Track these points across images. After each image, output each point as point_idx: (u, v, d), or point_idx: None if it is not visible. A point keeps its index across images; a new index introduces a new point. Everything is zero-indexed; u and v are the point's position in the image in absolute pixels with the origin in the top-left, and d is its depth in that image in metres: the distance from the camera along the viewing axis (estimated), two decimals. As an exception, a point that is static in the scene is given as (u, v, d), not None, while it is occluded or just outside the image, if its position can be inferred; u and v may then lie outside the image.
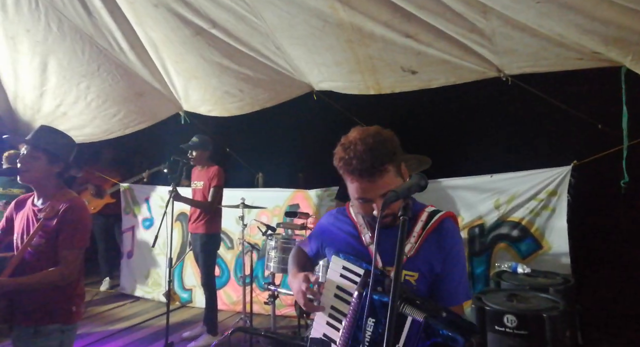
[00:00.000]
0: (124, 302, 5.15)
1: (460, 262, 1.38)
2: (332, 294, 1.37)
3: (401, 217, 1.07)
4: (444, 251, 1.35)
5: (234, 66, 3.87)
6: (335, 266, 1.40)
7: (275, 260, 3.55)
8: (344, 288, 1.35)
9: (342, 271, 1.37)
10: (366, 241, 1.42)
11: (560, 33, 2.70)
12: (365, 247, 1.41)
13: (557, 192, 3.51)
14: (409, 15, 2.96)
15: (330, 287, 1.38)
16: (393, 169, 1.29)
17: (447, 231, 1.37)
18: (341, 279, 1.36)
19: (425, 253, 1.34)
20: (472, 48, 3.09)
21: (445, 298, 1.34)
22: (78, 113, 4.46)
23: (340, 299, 1.35)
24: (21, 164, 2.04)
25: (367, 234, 1.43)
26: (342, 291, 1.35)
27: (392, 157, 1.28)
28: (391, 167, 1.28)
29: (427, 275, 1.34)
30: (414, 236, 1.35)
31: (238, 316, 4.29)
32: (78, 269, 2.05)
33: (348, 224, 1.50)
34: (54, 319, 1.99)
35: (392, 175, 1.29)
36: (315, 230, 1.63)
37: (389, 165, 1.27)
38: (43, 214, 2.00)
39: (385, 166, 1.27)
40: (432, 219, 1.36)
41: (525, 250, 3.63)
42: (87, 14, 3.52)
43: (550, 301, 2.57)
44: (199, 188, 4.05)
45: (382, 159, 1.26)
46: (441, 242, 1.35)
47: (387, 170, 1.27)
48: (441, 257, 1.34)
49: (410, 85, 3.58)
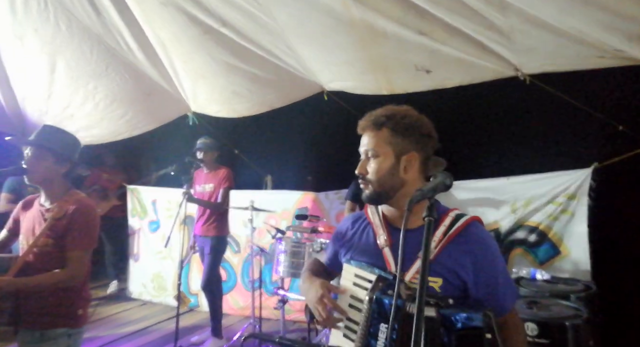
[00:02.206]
0: (131, 305, 5.10)
1: (498, 265, 1.28)
2: (347, 304, 1.29)
3: (426, 218, 0.99)
4: (472, 257, 1.24)
5: (243, 66, 3.81)
6: (347, 274, 1.33)
7: (285, 264, 3.46)
8: (357, 296, 1.27)
9: (354, 279, 1.30)
10: (381, 244, 1.33)
11: (582, 30, 2.60)
12: (380, 250, 1.33)
13: (576, 196, 3.39)
14: (423, 12, 2.87)
15: (345, 297, 1.31)
16: (388, 137, 1.29)
17: (474, 236, 1.27)
18: (354, 287, 1.29)
19: (448, 258, 1.24)
20: (488, 46, 2.99)
21: (494, 307, 1.21)
22: (86, 114, 4.42)
23: (354, 308, 1.27)
24: (27, 165, 2.00)
25: (382, 236, 1.34)
26: (356, 300, 1.27)
27: (395, 126, 1.29)
28: (387, 132, 1.29)
29: (452, 282, 1.25)
30: (435, 240, 1.25)
31: (246, 320, 4.22)
32: (85, 270, 2.01)
33: (364, 226, 1.42)
34: (60, 322, 1.95)
35: (383, 140, 1.29)
36: (332, 237, 1.55)
37: (385, 128, 1.29)
38: (51, 214, 1.97)
39: (381, 126, 1.29)
40: (457, 224, 1.27)
41: (543, 255, 3.51)
42: (96, 14, 3.49)
43: (573, 308, 2.46)
44: (207, 191, 3.99)
45: (383, 119, 1.29)
46: (468, 247, 1.25)
47: (382, 131, 1.29)
48: (469, 264, 1.24)
49: (424, 85, 3.49)
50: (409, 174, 1.30)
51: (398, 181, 1.29)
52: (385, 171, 1.28)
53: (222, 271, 4.89)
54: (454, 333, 1.02)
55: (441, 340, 1.04)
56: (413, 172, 1.30)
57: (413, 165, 1.30)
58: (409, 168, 1.29)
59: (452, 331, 1.03)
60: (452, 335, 1.02)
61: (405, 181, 1.30)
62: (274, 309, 3.72)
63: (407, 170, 1.29)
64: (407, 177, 1.30)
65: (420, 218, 1.07)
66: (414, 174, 1.31)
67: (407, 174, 1.29)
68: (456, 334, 1.02)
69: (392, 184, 1.29)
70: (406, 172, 1.29)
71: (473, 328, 1.01)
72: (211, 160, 4.00)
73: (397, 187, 1.30)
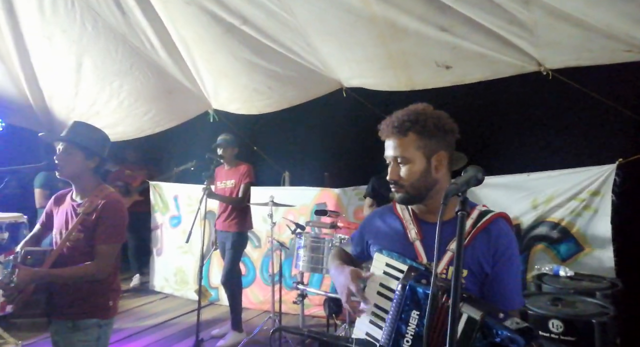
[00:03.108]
0: (153, 298, 5.21)
1: (514, 264, 1.31)
2: (375, 292, 1.34)
3: (459, 212, 1.01)
4: (495, 251, 1.28)
5: (264, 63, 3.85)
6: (378, 263, 1.37)
7: (304, 259, 3.50)
8: (387, 285, 1.31)
9: (385, 268, 1.34)
10: (412, 237, 1.37)
11: (609, 23, 2.56)
12: (411, 243, 1.37)
13: (600, 192, 3.33)
14: (444, 8, 2.86)
15: (373, 284, 1.35)
16: (416, 140, 1.30)
17: (499, 231, 1.30)
18: (384, 276, 1.34)
19: (474, 251, 1.28)
20: (510, 41, 2.97)
21: (498, 302, 1.27)
22: (111, 112, 4.53)
23: (383, 296, 1.32)
24: (58, 160, 2.05)
25: (412, 230, 1.38)
26: (385, 288, 1.32)
27: (421, 130, 1.29)
28: (414, 136, 1.30)
29: (477, 274, 1.29)
30: None
31: (265, 314, 4.27)
32: (114, 263, 2.06)
33: (394, 220, 1.45)
34: (91, 313, 2.01)
35: (412, 146, 1.30)
36: (359, 228, 1.59)
37: (411, 133, 1.29)
38: (82, 209, 2.02)
39: (407, 131, 1.30)
40: (483, 218, 1.31)
41: (566, 252, 3.47)
42: (121, 13, 3.57)
43: (599, 305, 2.43)
44: (229, 187, 4.04)
45: (409, 124, 1.29)
46: (492, 242, 1.29)
47: (408, 137, 1.30)
48: (491, 258, 1.28)
49: (444, 81, 3.48)
50: (440, 173, 1.33)
51: (431, 182, 1.33)
52: (418, 175, 1.32)
53: (242, 265, 4.97)
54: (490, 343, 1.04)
55: (473, 343, 1.06)
56: (443, 170, 1.34)
57: (443, 163, 1.33)
58: (440, 167, 1.33)
59: (488, 339, 1.05)
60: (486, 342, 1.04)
61: (437, 179, 1.33)
62: (293, 304, 3.76)
63: (438, 169, 1.32)
64: (439, 176, 1.33)
65: (450, 211, 1.09)
66: (444, 172, 1.34)
67: (438, 173, 1.33)
68: (491, 344, 1.04)
69: (426, 185, 1.33)
70: (437, 172, 1.32)
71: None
72: (231, 156, 4.04)
73: (430, 187, 1.33)
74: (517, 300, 1.31)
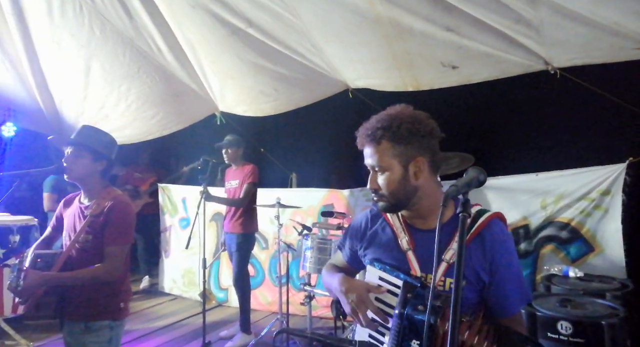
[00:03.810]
0: (162, 300, 5.25)
1: (513, 268, 1.26)
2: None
3: (460, 215, 0.97)
4: (492, 260, 1.23)
5: (270, 65, 3.87)
6: (371, 276, 1.32)
7: (311, 260, 3.50)
8: (383, 299, 1.27)
9: (379, 282, 1.30)
10: (404, 247, 1.31)
11: (617, 21, 2.53)
12: (403, 253, 1.31)
13: (610, 192, 3.29)
14: (450, 8, 2.85)
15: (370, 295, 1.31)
16: (390, 148, 1.25)
17: (493, 235, 1.24)
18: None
19: (470, 260, 1.23)
20: (517, 40, 2.95)
21: (502, 307, 1.25)
22: (119, 115, 4.58)
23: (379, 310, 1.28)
24: (67, 163, 2.08)
25: (404, 239, 1.32)
26: (380, 302, 1.27)
27: (394, 137, 1.24)
28: (388, 144, 1.25)
29: (474, 282, 1.24)
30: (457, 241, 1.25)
31: (273, 316, 4.27)
32: (124, 265, 2.08)
33: (384, 226, 1.39)
34: (103, 315, 2.03)
35: (386, 154, 1.25)
36: (346, 233, 1.52)
37: (384, 141, 1.25)
38: (90, 212, 2.04)
39: (380, 139, 1.25)
40: (478, 221, 1.25)
41: (575, 252, 3.43)
42: (128, 17, 3.61)
43: (609, 307, 2.39)
44: (233, 187, 4.06)
45: (380, 132, 1.25)
46: (487, 249, 1.23)
47: (382, 145, 1.25)
48: (488, 266, 1.23)
49: (450, 81, 3.46)
50: (421, 179, 1.27)
51: (411, 189, 1.27)
52: (396, 183, 1.26)
53: (250, 267, 4.98)
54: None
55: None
56: (424, 176, 1.28)
57: (422, 169, 1.27)
58: (419, 173, 1.26)
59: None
60: None
61: (417, 186, 1.27)
62: (300, 305, 3.76)
63: (418, 175, 1.26)
64: (419, 182, 1.27)
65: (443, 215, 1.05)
66: (425, 177, 1.28)
67: (418, 180, 1.27)
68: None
69: (405, 193, 1.27)
70: (417, 178, 1.26)
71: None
72: (236, 156, 4.04)
73: (411, 194, 1.28)
74: (522, 299, 1.27)
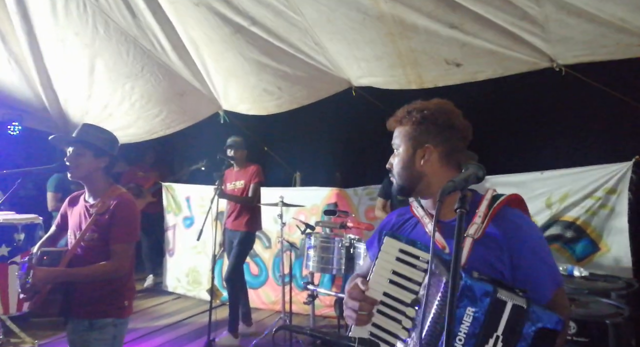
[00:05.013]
0: (166, 299, 5.26)
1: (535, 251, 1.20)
2: (386, 280, 1.25)
3: (458, 210, 0.97)
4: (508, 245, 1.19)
5: (273, 63, 3.86)
6: (389, 248, 1.27)
7: (314, 259, 3.49)
8: (402, 273, 1.23)
9: (398, 254, 1.25)
10: (429, 230, 1.32)
11: (623, 18, 2.51)
12: (429, 237, 1.29)
13: (616, 190, 3.26)
14: (454, 5, 2.84)
15: (383, 272, 1.26)
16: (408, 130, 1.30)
17: (512, 216, 1.23)
18: (398, 262, 1.25)
19: (482, 250, 1.20)
20: (522, 37, 2.93)
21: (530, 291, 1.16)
22: (123, 114, 4.60)
23: (397, 285, 1.23)
24: (69, 162, 2.09)
25: (429, 224, 1.32)
26: (400, 277, 1.23)
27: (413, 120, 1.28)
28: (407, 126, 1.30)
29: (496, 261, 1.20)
30: (480, 216, 1.22)
31: (277, 315, 4.27)
32: (129, 262, 2.09)
33: (410, 219, 1.41)
34: (107, 313, 2.04)
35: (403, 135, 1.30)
36: (375, 232, 1.53)
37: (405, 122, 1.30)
38: (95, 210, 2.05)
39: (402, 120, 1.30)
40: (497, 201, 1.24)
41: (581, 252, 3.40)
42: (132, 16, 3.62)
43: (613, 306, 2.37)
44: (238, 188, 4.07)
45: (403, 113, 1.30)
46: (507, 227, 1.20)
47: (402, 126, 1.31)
48: (506, 254, 1.19)
49: (454, 79, 3.44)
50: (427, 166, 1.27)
51: (415, 173, 1.28)
52: (402, 164, 1.30)
53: (255, 266, 4.99)
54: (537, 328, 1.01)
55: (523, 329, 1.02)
56: (431, 165, 1.27)
57: (429, 157, 1.27)
58: (426, 162, 1.27)
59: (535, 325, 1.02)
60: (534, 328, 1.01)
61: (422, 173, 1.28)
62: (303, 304, 3.76)
63: (425, 162, 1.27)
64: (425, 169, 1.28)
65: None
66: (433, 167, 1.27)
67: (424, 166, 1.28)
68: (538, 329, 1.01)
69: (408, 176, 1.29)
70: (423, 164, 1.27)
71: (552, 330, 1.01)
72: (241, 157, 4.07)
73: (415, 179, 1.29)
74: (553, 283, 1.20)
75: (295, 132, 5.54)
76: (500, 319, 1.04)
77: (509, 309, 1.03)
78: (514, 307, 1.03)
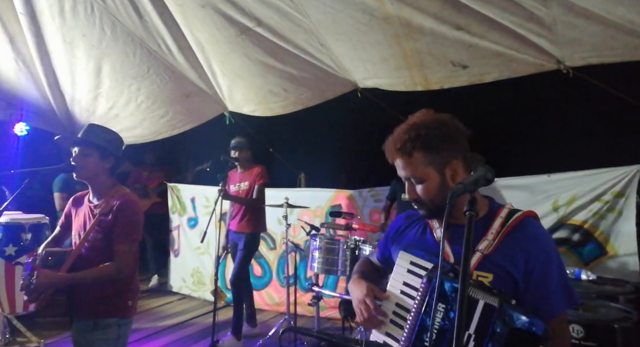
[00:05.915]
0: (171, 299, 5.27)
1: (551, 266, 1.21)
2: (399, 291, 1.31)
3: (467, 213, 0.97)
4: (525, 254, 1.20)
5: (278, 65, 3.86)
6: (402, 261, 1.33)
7: (319, 260, 3.48)
8: (411, 284, 1.27)
9: (409, 266, 1.30)
10: (438, 237, 1.34)
11: (631, 19, 2.48)
12: (437, 243, 1.32)
13: (624, 194, 3.23)
14: (460, 6, 2.82)
15: (396, 284, 1.32)
16: (423, 158, 1.25)
17: (527, 232, 1.22)
18: (409, 274, 1.30)
19: (500, 256, 1.21)
20: (529, 39, 2.91)
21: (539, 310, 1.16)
22: (129, 114, 4.62)
23: (406, 295, 1.28)
24: (75, 162, 2.10)
25: (438, 229, 1.34)
26: (409, 287, 1.28)
27: (425, 146, 1.24)
28: (420, 154, 1.24)
29: (503, 278, 1.21)
30: (492, 232, 1.23)
31: (281, 316, 4.26)
32: (132, 262, 2.09)
33: (419, 222, 1.43)
34: (111, 313, 2.04)
35: (420, 164, 1.25)
36: (385, 234, 1.56)
37: (416, 153, 1.24)
38: (99, 210, 2.06)
39: (411, 151, 1.25)
40: (512, 217, 1.24)
41: (588, 255, 3.37)
42: (139, 17, 3.63)
43: (622, 310, 2.35)
44: (243, 189, 4.06)
45: (410, 144, 1.24)
46: (521, 244, 1.21)
47: (414, 157, 1.25)
48: (522, 262, 1.20)
49: (460, 81, 3.42)
50: (458, 180, 1.26)
51: None
52: (436, 190, 1.26)
53: (258, 267, 4.99)
54: (510, 328, 1.02)
55: (493, 329, 1.03)
56: (460, 176, 1.27)
57: (458, 171, 1.27)
58: (456, 175, 1.26)
59: (508, 325, 1.02)
60: (506, 328, 1.02)
61: None
62: (308, 306, 3.75)
63: (455, 178, 1.26)
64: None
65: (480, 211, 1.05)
66: (461, 177, 1.27)
67: (455, 182, 1.26)
68: (512, 329, 1.01)
69: (445, 198, 1.26)
70: (454, 181, 1.26)
71: (530, 333, 1.00)
72: (246, 158, 4.06)
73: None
74: (566, 300, 1.21)
75: (300, 133, 5.54)
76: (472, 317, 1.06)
77: (481, 307, 1.05)
78: (485, 305, 1.05)
